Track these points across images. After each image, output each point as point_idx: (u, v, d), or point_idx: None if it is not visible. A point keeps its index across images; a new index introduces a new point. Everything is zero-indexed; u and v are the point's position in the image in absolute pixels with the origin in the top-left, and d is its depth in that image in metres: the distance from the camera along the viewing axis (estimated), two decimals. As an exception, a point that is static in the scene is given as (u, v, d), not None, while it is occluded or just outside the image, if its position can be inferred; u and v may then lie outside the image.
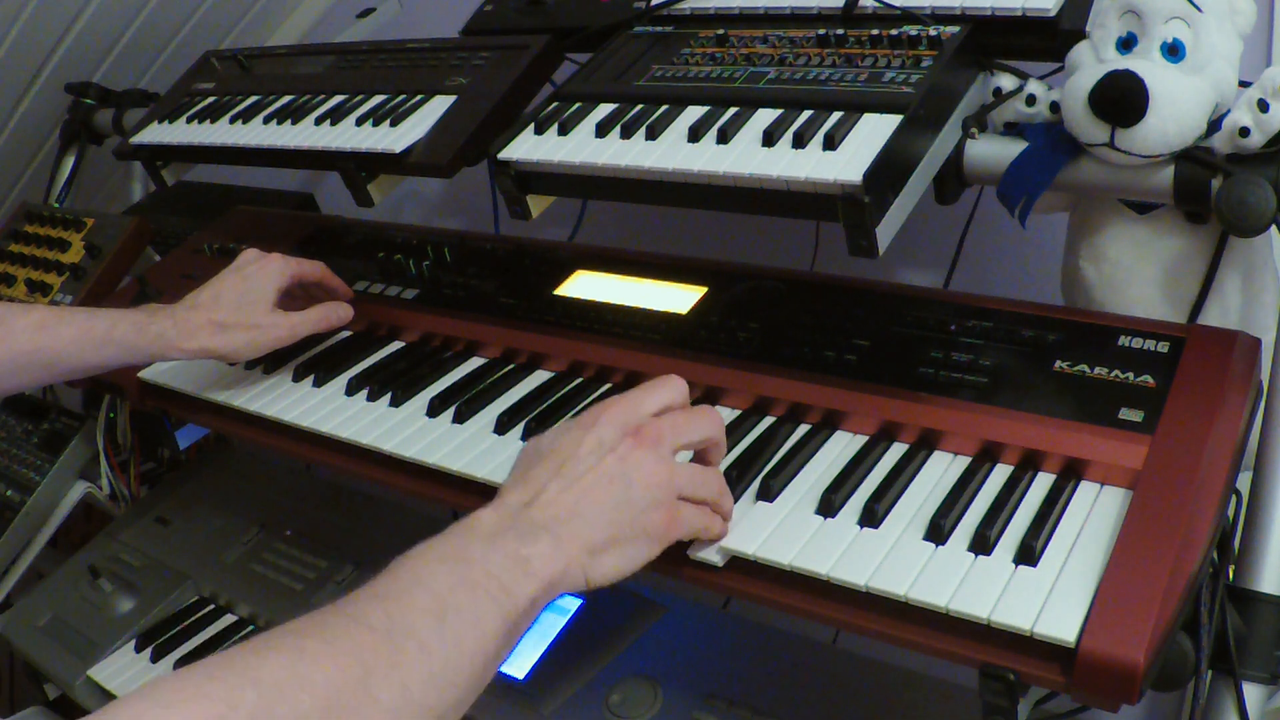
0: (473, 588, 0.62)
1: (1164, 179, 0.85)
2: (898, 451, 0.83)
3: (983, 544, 0.71)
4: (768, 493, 0.80)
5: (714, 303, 1.02)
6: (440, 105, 1.13)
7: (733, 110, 0.92)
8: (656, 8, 1.12)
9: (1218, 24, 0.83)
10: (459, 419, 0.96)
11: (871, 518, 0.76)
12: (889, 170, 0.81)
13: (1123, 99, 0.81)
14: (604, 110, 0.98)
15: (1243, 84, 0.84)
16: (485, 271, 1.17)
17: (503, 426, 0.94)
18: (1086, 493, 0.76)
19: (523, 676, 0.98)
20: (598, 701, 0.95)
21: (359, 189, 1.13)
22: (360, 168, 1.12)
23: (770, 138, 0.87)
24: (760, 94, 0.94)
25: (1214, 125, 0.83)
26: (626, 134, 0.93)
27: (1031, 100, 0.91)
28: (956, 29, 0.93)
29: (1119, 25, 0.86)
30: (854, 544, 0.74)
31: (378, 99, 1.18)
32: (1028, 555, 0.70)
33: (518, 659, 0.99)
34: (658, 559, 0.72)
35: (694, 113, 0.93)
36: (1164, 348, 0.83)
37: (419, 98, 1.15)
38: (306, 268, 1.10)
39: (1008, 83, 0.93)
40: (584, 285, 1.10)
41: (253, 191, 1.80)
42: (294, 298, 1.10)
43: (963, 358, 0.87)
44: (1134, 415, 0.78)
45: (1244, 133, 0.80)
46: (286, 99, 1.26)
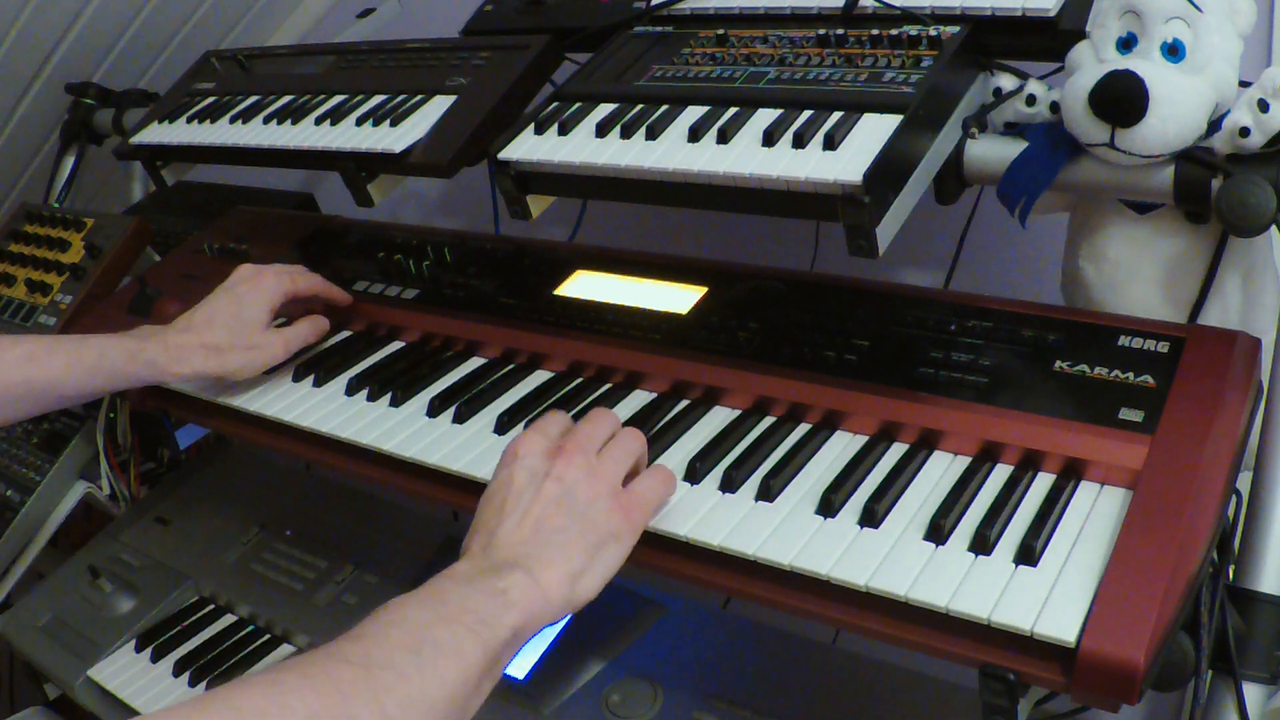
0: (450, 623, 0.63)
1: (1164, 179, 0.85)
2: (898, 451, 0.83)
3: (983, 544, 0.71)
4: (768, 493, 0.80)
5: (714, 303, 1.02)
6: (440, 105, 1.13)
7: (733, 110, 0.92)
8: (656, 8, 1.12)
9: (1218, 24, 0.83)
10: (459, 419, 0.96)
11: (871, 518, 0.76)
12: (889, 170, 0.81)
13: (1123, 99, 0.81)
14: (604, 110, 0.98)
15: (1243, 84, 0.84)
16: (485, 271, 1.17)
17: (503, 426, 0.94)
18: (1086, 493, 0.76)
19: (523, 676, 0.98)
20: (597, 702, 0.95)
21: (359, 189, 1.13)
22: (360, 168, 1.12)
23: (770, 138, 0.86)
24: (760, 94, 0.94)
25: (1214, 125, 0.83)
26: (626, 134, 0.93)
27: (1031, 100, 0.91)
28: (956, 29, 0.93)
29: (1119, 25, 0.86)
30: (854, 544, 0.74)
31: (378, 99, 1.18)
32: (1028, 555, 0.70)
33: (518, 659, 0.97)
34: (663, 557, 0.72)
35: (694, 113, 0.93)
36: (1164, 348, 0.83)
37: (419, 98, 1.15)
38: (301, 283, 1.10)
39: (1008, 83, 0.93)
40: (584, 285, 1.10)
41: (253, 191, 1.80)
42: (295, 303, 1.10)
43: (963, 358, 0.87)
44: (1134, 415, 0.78)
45: (1244, 133, 0.80)
46: (286, 99, 1.26)
